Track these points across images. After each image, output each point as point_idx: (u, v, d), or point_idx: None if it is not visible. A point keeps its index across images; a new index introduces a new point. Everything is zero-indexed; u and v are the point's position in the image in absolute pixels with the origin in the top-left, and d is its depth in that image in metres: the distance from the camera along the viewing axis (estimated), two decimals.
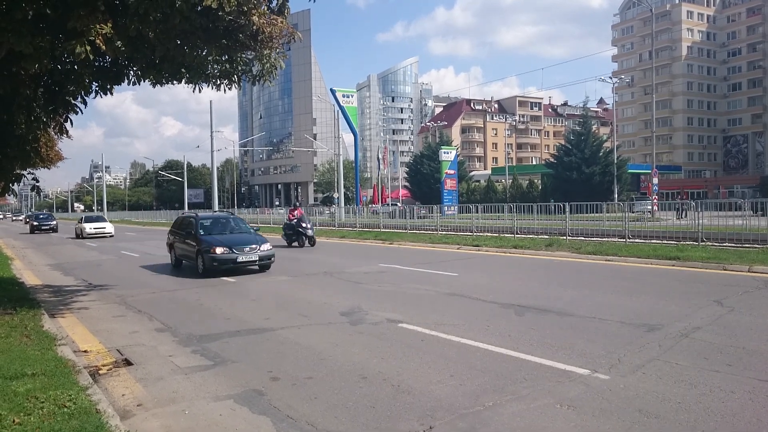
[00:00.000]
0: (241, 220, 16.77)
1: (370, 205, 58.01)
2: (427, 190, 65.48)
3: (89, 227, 33.43)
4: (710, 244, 15.98)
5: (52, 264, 18.74)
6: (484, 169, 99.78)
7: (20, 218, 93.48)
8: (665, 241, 17.24)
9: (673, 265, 13.21)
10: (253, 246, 13.81)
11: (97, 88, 8.62)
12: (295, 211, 22.92)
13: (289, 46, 9.66)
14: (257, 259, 13.72)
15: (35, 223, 43.75)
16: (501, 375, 5.56)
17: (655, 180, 37.09)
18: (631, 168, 59.93)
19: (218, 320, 8.72)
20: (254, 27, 7.18)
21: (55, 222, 45.40)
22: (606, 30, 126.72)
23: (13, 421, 4.28)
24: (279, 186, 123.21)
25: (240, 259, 13.49)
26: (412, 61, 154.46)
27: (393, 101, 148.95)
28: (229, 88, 9.00)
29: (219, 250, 13.43)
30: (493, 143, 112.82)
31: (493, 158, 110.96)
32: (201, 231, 14.60)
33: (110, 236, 33.19)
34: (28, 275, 15.34)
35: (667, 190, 66.37)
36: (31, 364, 5.75)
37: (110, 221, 39.94)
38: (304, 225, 21.66)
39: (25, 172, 11.87)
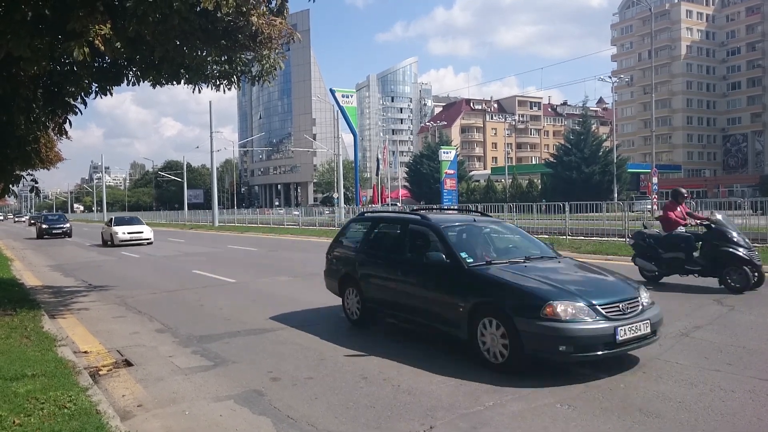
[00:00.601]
0: (515, 229, 8.18)
1: (369, 205, 57.99)
2: (426, 190, 65.56)
3: (122, 232, 26.45)
4: None
5: (52, 265, 18.73)
6: (484, 168, 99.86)
7: (23, 219, 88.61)
8: None
9: None
10: (632, 300, 5.75)
11: (96, 89, 8.63)
12: (678, 205, 10.73)
13: (289, 47, 9.67)
14: (649, 332, 5.67)
15: (44, 226, 36.62)
16: (501, 374, 5.55)
17: (655, 179, 37.12)
18: (630, 167, 60.06)
19: (218, 321, 8.72)
20: (253, 28, 7.19)
21: (68, 225, 37.78)
22: (605, 29, 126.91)
23: (14, 422, 4.28)
24: (279, 186, 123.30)
25: (623, 334, 5.41)
26: (411, 61, 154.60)
27: (392, 101, 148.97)
28: (229, 89, 9.01)
29: (566, 311, 5.39)
30: (492, 143, 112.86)
31: (492, 158, 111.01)
32: (466, 256, 6.48)
33: (148, 243, 26.43)
34: (28, 276, 15.33)
35: (666, 190, 66.24)
36: (32, 365, 5.74)
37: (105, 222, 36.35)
38: (734, 238, 9.72)
39: (24, 174, 11.88)
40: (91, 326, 8.56)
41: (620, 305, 5.60)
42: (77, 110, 8.98)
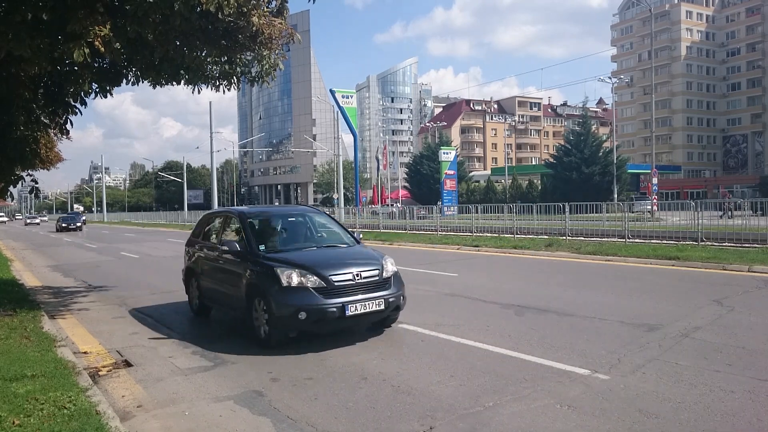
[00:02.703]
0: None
1: (369, 206, 57.98)
2: (426, 190, 65.51)
3: None
4: (710, 243, 15.98)
5: (51, 265, 18.72)
6: (484, 169, 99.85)
7: (36, 221, 75.87)
8: (665, 241, 17.25)
9: (673, 265, 13.21)
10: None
11: (96, 90, 8.63)
12: None
13: (289, 47, 9.67)
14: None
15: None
16: (501, 375, 5.55)
17: (655, 180, 37.13)
18: (630, 168, 59.98)
19: (218, 321, 8.71)
20: (253, 28, 7.19)
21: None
22: (605, 29, 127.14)
23: (13, 422, 4.28)
24: (279, 187, 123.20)
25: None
26: (411, 61, 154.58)
27: (392, 102, 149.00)
28: (229, 89, 9.01)
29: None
30: (492, 143, 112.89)
31: (492, 158, 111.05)
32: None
33: None
34: (27, 276, 15.33)
35: (666, 190, 66.42)
36: (31, 366, 5.74)
37: (105, 222, 26.51)
38: None
39: (24, 174, 11.85)
40: (90, 327, 8.56)
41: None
42: (77, 110, 8.98)
